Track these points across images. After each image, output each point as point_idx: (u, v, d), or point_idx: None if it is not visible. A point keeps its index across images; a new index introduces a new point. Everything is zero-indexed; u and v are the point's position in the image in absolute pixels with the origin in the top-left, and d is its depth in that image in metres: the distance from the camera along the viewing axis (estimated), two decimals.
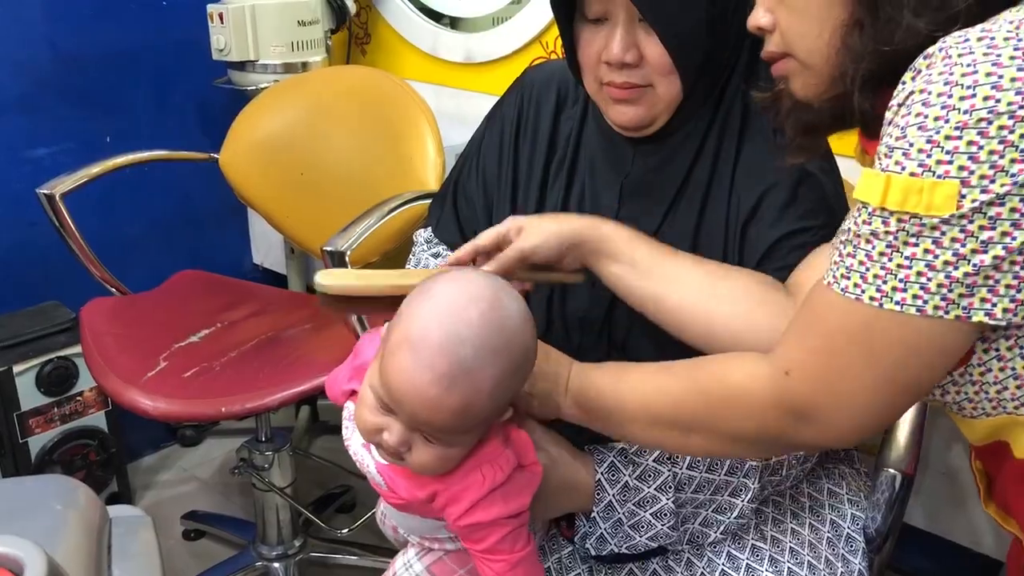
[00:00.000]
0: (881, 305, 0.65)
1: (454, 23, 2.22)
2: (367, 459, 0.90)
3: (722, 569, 1.00)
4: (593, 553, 0.98)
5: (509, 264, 0.95)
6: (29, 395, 1.97)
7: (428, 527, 0.94)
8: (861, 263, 0.67)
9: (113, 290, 1.87)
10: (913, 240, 0.63)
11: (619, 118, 0.98)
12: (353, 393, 0.93)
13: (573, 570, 1.05)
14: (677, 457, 0.95)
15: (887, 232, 0.65)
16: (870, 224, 0.66)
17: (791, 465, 0.99)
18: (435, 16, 2.20)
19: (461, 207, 1.18)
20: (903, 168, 0.63)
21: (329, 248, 1.47)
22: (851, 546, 1.03)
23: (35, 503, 0.94)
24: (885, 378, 0.68)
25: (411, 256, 1.21)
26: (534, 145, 1.11)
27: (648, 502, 0.95)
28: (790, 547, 1.01)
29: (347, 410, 0.94)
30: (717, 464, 0.95)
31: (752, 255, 0.97)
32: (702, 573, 1.00)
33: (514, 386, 0.83)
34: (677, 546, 0.99)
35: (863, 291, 0.66)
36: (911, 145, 0.63)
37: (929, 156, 0.62)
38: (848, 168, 0.92)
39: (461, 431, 0.81)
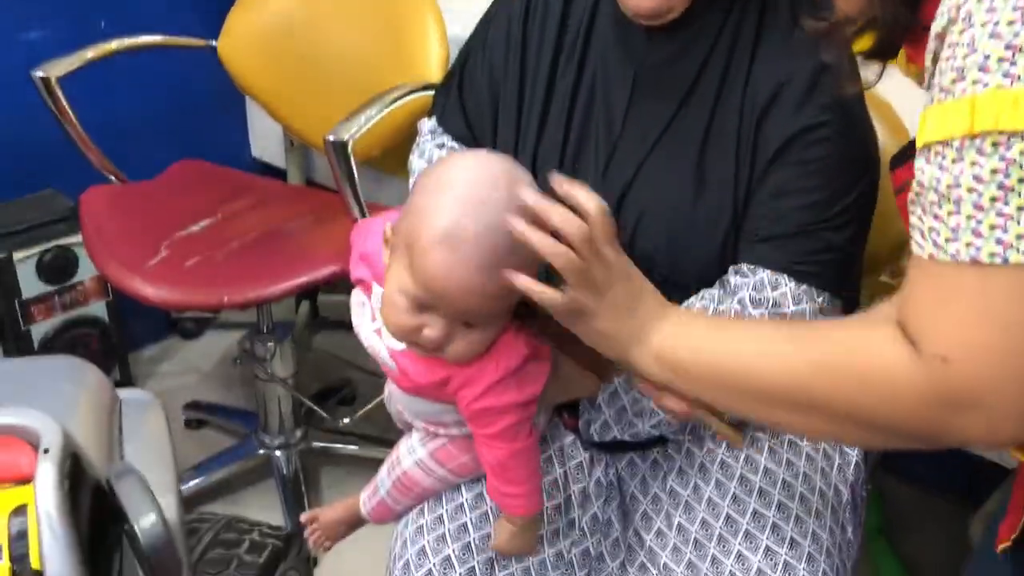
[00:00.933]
0: (1006, 260, 0.56)
1: None
2: (378, 345, 0.91)
3: (721, 459, 1.01)
4: (596, 439, 1.00)
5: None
6: (30, 283, 1.97)
7: (435, 411, 0.95)
8: (969, 217, 0.57)
9: (112, 178, 1.85)
10: None
11: (635, 5, 0.95)
12: (361, 281, 0.93)
13: (575, 458, 1.07)
14: None
15: (992, 170, 0.55)
16: (962, 161, 0.57)
17: None
18: None
19: (467, 96, 1.15)
20: (985, 84, 0.55)
21: (332, 137, 1.45)
22: None
23: (47, 381, 0.94)
24: None
25: (415, 147, 1.19)
26: (543, 33, 1.08)
27: None
28: (788, 439, 1.02)
29: (356, 296, 0.94)
30: None
31: (766, 150, 0.95)
32: (701, 462, 1.02)
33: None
34: (678, 436, 1.01)
35: (980, 249, 0.57)
36: (987, 57, 0.55)
37: (1014, 64, 0.54)
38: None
39: (506, 309, 0.83)
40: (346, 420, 1.84)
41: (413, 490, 1.03)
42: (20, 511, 0.73)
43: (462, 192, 0.79)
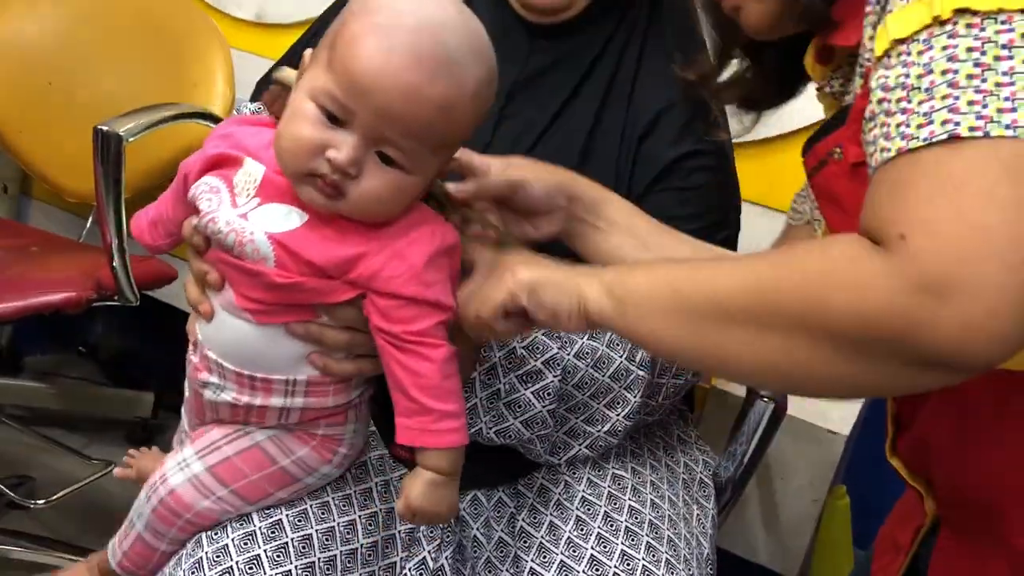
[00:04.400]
0: (987, 134, 0.51)
1: None
2: (247, 228, 0.70)
3: (582, 495, 0.88)
4: None
5: (491, 190, 0.79)
6: None
7: (288, 356, 0.74)
8: (944, 98, 0.52)
9: None
10: (1006, 52, 0.51)
11: None
12: (220, 163, 0.74)
13: None
14: (567, 339, 0.83)
15: (968, 48, 0.52)
16: (931, 49, 0.53)
17: (667, 394, 0.91)
18: None
19: None
20: None
21: (105, 127, 1.21)
22: (704, 491, 0.96)
23: None
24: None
25: None
26: None
27: (533, 378, 0.82)
28: (651, 480, 0.91)
29: (205, 184, 0.73)
30: (604, 363, 0.84)
31: (647, 171, 0.91)
32: (558, 500, 0.88)
33: (484, 108, 0.71)
34: (540, 456, 0.87)
35: (958, 124, 0.51)
36: None
37: None
38: None
39: (435, 141, 0.68)
40: (39, 502, 1.45)
41: (183, 516, 0.79)
42: None
43: None
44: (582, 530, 0.84)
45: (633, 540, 0.84)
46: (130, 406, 1.99)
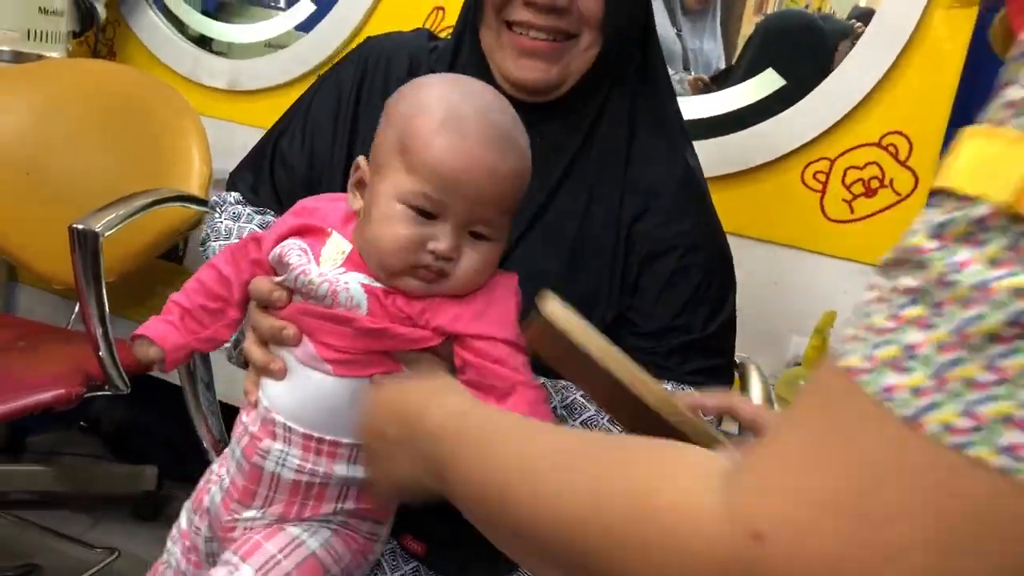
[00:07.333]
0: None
1: (216, 47, 2.05)
2: (342, 279, 0.74)
3: None
4: None
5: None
6: None
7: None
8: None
9: None
10: None
11: (524, 74, 0.85)
12: (300, 232, 0.78)
13: None
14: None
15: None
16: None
17: None
18: (201, 42, 2.02)
19: (279, 175, 0.99)
20: None
21: (80, 226, 1.21)
22: None
23: None
24: None
25: (215, 214, 0.99)
26: (385, 97, 0.97)
27: None
28: None
29: (293, 244, 0.77)
30: None
31: (636, 254, 0.90)
32: None
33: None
34: None
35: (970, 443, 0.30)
36: None
37: None
38: None
39: (512, 207, 0.75)
40: None
41: None
42: None
43: (444, 87, 0.75)
44: None
45: None
46: (134, 481, 1.98)
